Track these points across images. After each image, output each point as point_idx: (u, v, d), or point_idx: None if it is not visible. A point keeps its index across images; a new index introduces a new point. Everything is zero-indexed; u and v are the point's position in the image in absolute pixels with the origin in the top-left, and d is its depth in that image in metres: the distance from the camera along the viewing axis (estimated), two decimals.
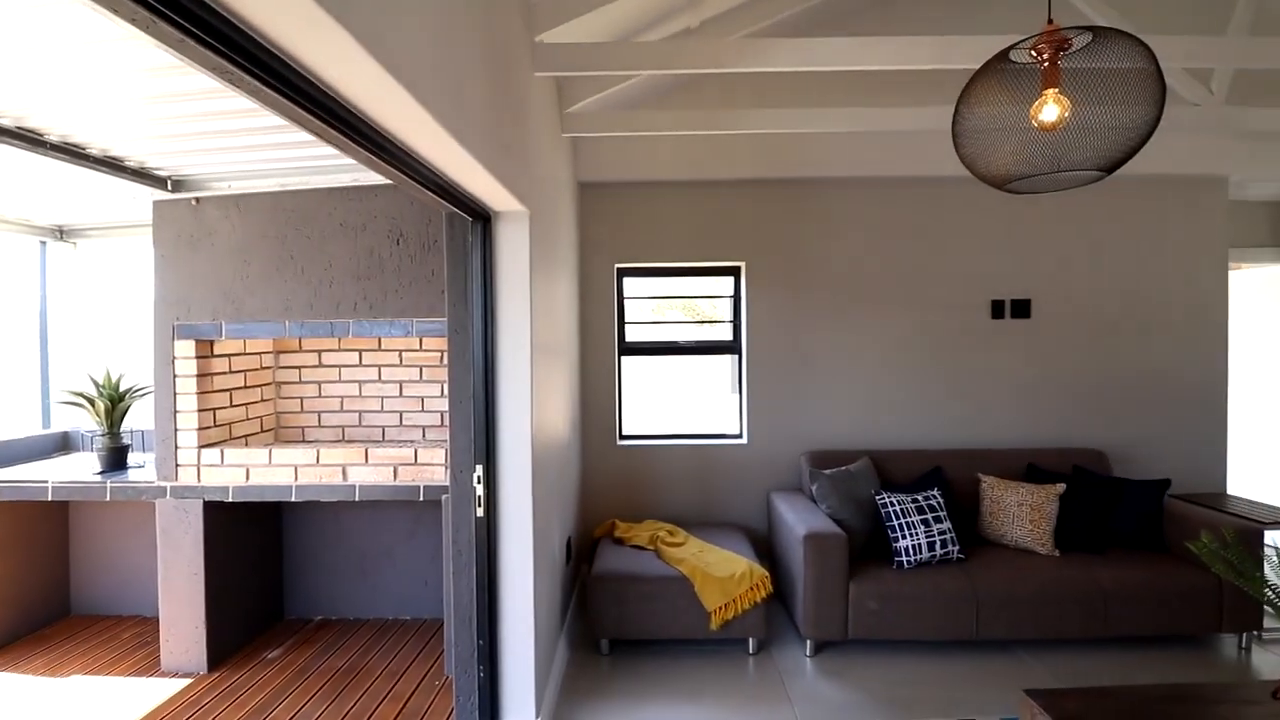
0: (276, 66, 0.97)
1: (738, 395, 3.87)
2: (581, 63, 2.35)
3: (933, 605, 2.84)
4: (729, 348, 3.89)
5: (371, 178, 2.63)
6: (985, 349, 3.77)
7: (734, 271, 3.85)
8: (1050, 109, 1.66)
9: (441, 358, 3.14)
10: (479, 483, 2.10)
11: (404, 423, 3.19)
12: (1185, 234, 3.79)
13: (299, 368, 3.23)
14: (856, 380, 3.78)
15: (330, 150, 1.39)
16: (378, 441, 3.15)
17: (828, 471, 3.23)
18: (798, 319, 3.78)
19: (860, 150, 3.61)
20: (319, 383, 3.23)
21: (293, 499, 2.78)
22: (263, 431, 3.15)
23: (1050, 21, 1.69)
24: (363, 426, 3.20)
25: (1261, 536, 2.88)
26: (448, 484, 2.49)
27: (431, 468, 2.74)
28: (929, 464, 3.48)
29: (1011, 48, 1.72)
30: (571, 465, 3.30)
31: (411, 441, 3.08)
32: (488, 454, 2.11)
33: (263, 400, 3.16)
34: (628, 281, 3.88)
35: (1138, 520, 3.13)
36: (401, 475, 2.76)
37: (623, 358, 3.87)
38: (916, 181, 3.73)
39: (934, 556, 2.93)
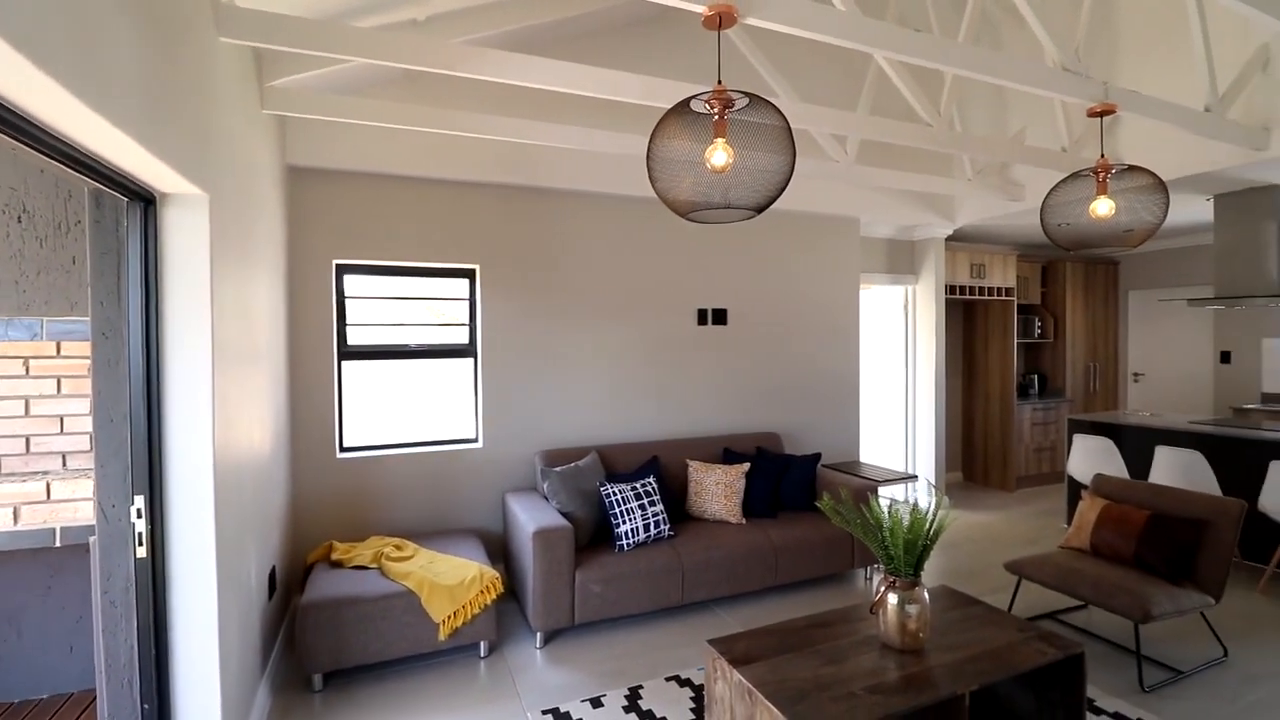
0: None
1: (473, 399, 3.84)
2: (278, 35, 2.10)
3: (647, 580, 3.17)
4: (464, 351, 3.83)
5: None
6: (693, 351, 4.34)
7: (469, 274, 3.81)
8: (719, 154, 2.00)
9: (89, 367, 2.53)
10: (140, 517, 1.76)
11: (32, 449, 2.49)
12: (832, 260, 4.84)
13: None
14: (586, 381, 4.04)
15: None
16: None
17: (558, 469, 3.40)
18: (532, 323, 3.90)
19: (593, 167, 3.87)
20: None
21: None
22: None
23: (720, 83, 2.03)
24: None
25: (876, 490, 3.82)
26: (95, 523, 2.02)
27: (75, 503, 2.21)
28: (647, 454, 3.88)
29: (693, 98, 2.03)
30: (277, 486, 2.93)
31: (43, 473, 2.42)
32: (151, 482, 1.77)
33: None
34: (349, 280, 3.58)
35: (800, 487, 3.90)
36: (26, 517, 2.17)
37: (344, 363, 3.56)
38: (639, 201, 4.15)
39: (649, 536, 3.29)
